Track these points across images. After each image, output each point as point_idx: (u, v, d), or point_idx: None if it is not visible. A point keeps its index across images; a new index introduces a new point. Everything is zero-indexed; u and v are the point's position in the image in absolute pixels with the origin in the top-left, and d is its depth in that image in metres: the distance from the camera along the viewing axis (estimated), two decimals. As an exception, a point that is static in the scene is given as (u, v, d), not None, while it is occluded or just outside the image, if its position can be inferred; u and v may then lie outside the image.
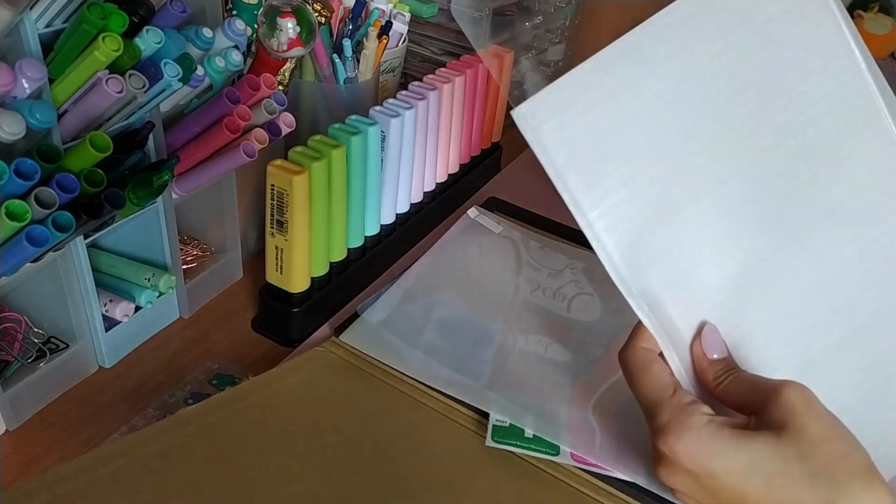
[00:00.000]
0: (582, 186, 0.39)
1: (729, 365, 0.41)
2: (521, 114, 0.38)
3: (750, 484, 0.35)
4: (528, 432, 0.47)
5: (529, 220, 0.71)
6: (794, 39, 0.39)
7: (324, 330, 0.58)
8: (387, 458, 0.45)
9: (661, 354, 0.42)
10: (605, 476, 0.45)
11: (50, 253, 0.45)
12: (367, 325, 0.55)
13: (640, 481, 0.45)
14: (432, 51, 0.86)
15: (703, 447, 0.37)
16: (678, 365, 0.42)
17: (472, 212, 0.69)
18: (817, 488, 0.34)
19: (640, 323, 0.42)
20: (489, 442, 0.46)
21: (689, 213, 0.40)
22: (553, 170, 0.39)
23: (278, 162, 0.50)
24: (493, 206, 0.72)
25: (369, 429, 0.47)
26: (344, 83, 0.68)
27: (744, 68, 0.39)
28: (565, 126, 0.38)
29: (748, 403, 0.39)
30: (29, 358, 0.49)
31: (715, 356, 0.41)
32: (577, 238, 0.69)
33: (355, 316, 0.56)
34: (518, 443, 0.46)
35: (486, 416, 0.48)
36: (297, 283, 0.54)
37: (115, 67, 0.42)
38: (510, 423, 0.47)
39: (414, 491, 0.43)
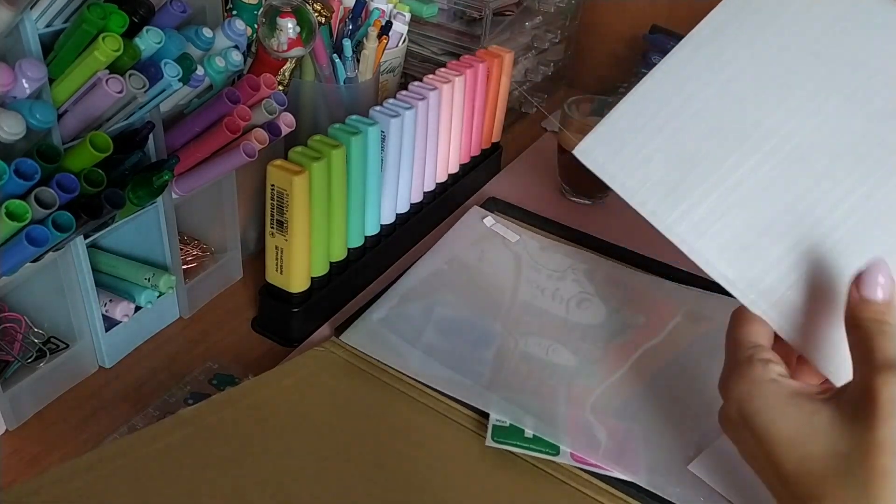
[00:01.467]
0: (664, 205, 0.40)
1: (885, 313, 0.34)
2: (582, 151, 0.40)
3: (791, 454, 0.32)
4: (528, 432, 0.47)
5: (530, 221, 0.71)
6: (834, 15, 0.41)
7: (324, 330, 0.58)
8: (386, 458, 0.45)
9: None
10: (605, 476, 0.45)
11: (50, 253, 0.45)
12: (367, 325, 0.55)
13: (640, 481, 0.45)
14: (432, 51, 0.86)
15: (753, 399, 0.34)
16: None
17: (489, 220, 0.69)
18: (850, 490, 0.31)
19: None
20: (489, 442, 0.46)
21: (769, 201, 0.40)
22: (629, 195, 0.40)
23: (278, 162, 0.50)
24: (494, 206, 0.72)
25: (369, 428, 0.47)
26: (344, 83, 0.68)
27: (790, 49, 0.41)
28: (625, 152, 0.41)
29: (856, 364, 0.34)
30: (29, 358, 0.49)
31: (878, 297, 0.35)
32: (577, 238, 0.69)
33: (356, 316, 0.56)
34: (518, 443, 0.46)
35: (485, 416, 0.48)
36: (297, 283, 0.54)
37: (115, 67, 0.42)
38: (510, 423, 0.47)
39: (413, 490, 0.43)
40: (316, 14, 0.60)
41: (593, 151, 0.41)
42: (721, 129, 0.41)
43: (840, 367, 0.37)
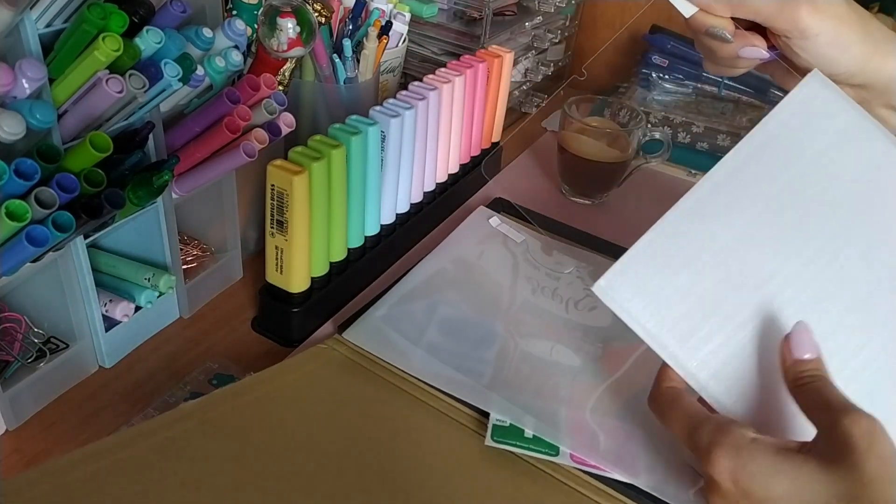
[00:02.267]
0: (676, 343, 0.42)
1: (818, 368, 0.38)
2: (601, 288, 0.41)
3: None
4: (528, 432, 0.47)
5: (536, 221, 0.71)
6: (848, 163, 0.43)
7: (327, 327, 0.58)
8: (386, 456, 0.45)
9: (687, 388, 0.42)
10: (604, 477, 0.45)
11: (50, 253, 0.45)
12: (370, 323, 0.55)
13: (639, 483, 0.45)
14: (432, 51, 0.86)
15: (745, 465, 0.35)
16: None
17: (494, 221, 0.69)
18: None
19: (662, 365, 0.42)
20: (489, 441, 0.46)
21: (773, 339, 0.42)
22: (646, 334, 0.42)
23: (278, 162, 0.50)
24: (500, 207, 0.72)
25: (369, 426, 0.47)
26: (344, 83, 0.68)
27: (805, 197, 0.42)
28: (645, 292, 0.42)
29: (817, 418, 0.37)
30: (29, 358, 0.49)
31: (806, 356, 0.39)
32: (579, 239, 0.69)
33: (359, 314, 0.56)
34: (518, 442, 0.46)
35: (486, 415, 0.48)
36: (297, 283, 0.54)
37: (115, 67, 0.42)
38: (510, 423, 0.47)
39: (412, 488, 0.43)
40: (316, 14, 0.60)
41: (612, 290, 0.42)
42: (740, 273, 0.42)
43: (793, 428, 0.40)
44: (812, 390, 0.38)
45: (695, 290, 0.42)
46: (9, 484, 0.38)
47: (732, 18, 0.46)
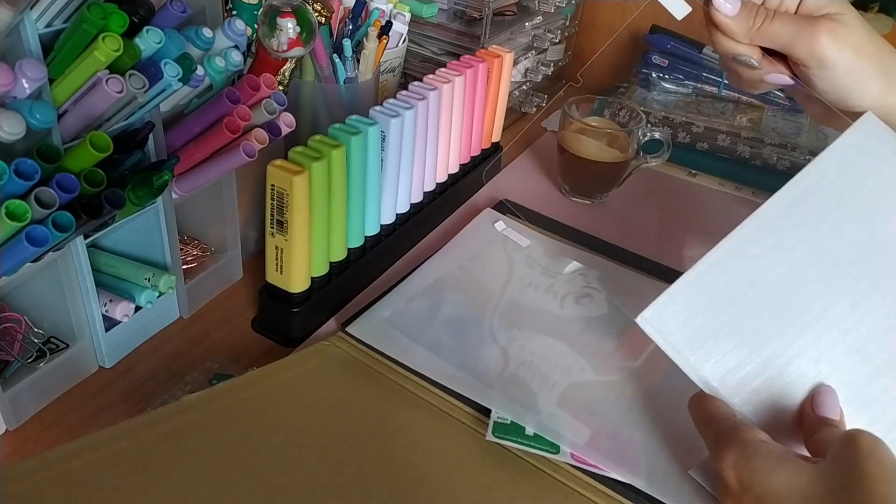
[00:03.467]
0: (719, 379, 0.43)
1: (839, 427, 0.40)
2: (646, 319, 0.42)
3: (789, 500, 0.35)
4: (529, 430, 0.47)
5: (536, 222, 0.71)
6: None
7: (330, 325, 0.58)
8: (386, 452, 0.45)
9: None
10: (604, 477, 0.45)
11: (50, 253, 0.45)
12: (374, 320, 0.55)
13: (640, 484, 0.45)
14: (432, 51, 0.86)
15: (748, 461, 0.36)
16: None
17: (500, 225, 0.69)
18: None
19: None
20: (489, 437, 0.46)
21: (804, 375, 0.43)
22: (688, 367, 0.42)
23: (278, 162, 0.50)
24: (505, 209, 0.72)
25: (370, 422, 0.47)
26: (344, 83, 0.68)
27: (854, 240, 0.43)
28: (690, 325, 0.42)
29: (829, 450, 0.38)
30: (29, 358, 0.49)
31: (829, 415, 0.41)
32: (581, 240, 0.69)
33: (362, 310, 0.56)
34: (518, 439, 0.46)
35: (486, 413, 0.48)
36: (297, 283, 0.54)
37: (115, 67, 0.42)
38: (511, 421, 0.47)
39: (412, 485, 0.43)
40: (316, 14, 0.60)
41: (658, 321, 0.42)
42: (787, 312, 0.42)
43: None
44: (827, 433, 0.39)
45: (740, 327, 0.42)
46: (8, 471, 0.38)
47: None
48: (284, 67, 0.61)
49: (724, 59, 0.48)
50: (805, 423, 0.41)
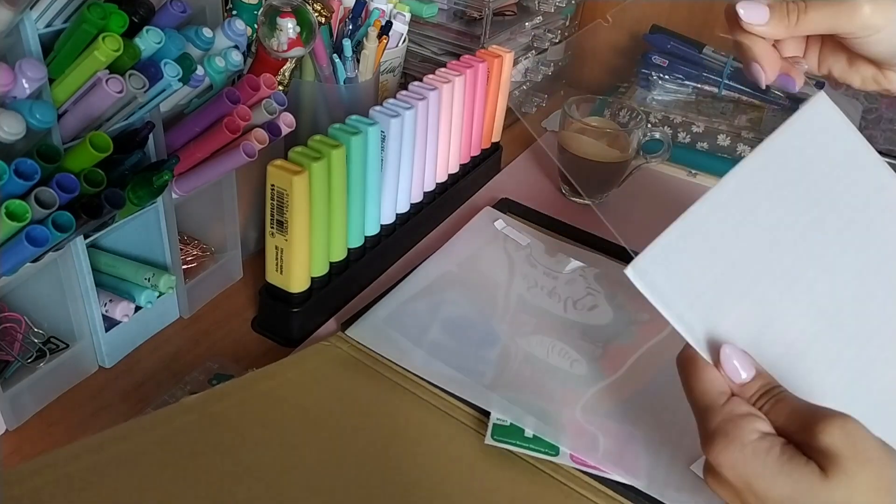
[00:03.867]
0: (704, 329, 0.41)
1: (765, 386, 0.37)
2: (633, 270, 0.40)
3: None
4: (528, 432, 0.47)
5: (537, 221, 0.71)
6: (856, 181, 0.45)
7: (329, 325, 0.58)
8: (386, 453, 0.45)
9: None
10: (604, 478, 0.45)
11: (50, 253, 0.45)
12: (373, 322, 0.55)
13: (639, 484, 0.45)
14: (432, 51, 0.86)
15: (747, 464, 0.35)
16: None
17: (500, 223, 0.69)
18: None
19: None
20: (488, 440, 0.46)
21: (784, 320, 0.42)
22: (674, 317, 0.41)
23: (278, 162, 0.50)
24: (505, 207, 0.72)
25: (370, 423, 0.47)
26: (344, 83, 0.68)
27: (822, 206, 0.44)
28: (677, 276, 0.41)
29: (794, 438, 0.35)
30: (29, 358, 0.49)
31: (744, 376, 0.37)
32: (582, 239, 0.69)
33: (362, 312, 0.56)
34: (518, 442, 0.46)
35: (486, 414, 0.48)
36: (297, 283, 0.54)
37: (115, 67, 0.42)
38: (510, 423, 0.47)
39: (411, 486, 0.43)
40: (316, 14, 0.60)
41: (648, 273, 0.41)
42: (771, 268, 0.42)
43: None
44: (774, 410, 0.36)
45: (732, 285, 0.42)
46: (9, 473, 0.38)
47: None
48: (284, 67, 0.61)
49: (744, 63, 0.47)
50: (737, 393, 0.38)
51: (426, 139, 0.63)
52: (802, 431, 0.34)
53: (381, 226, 0.62)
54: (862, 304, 0.43)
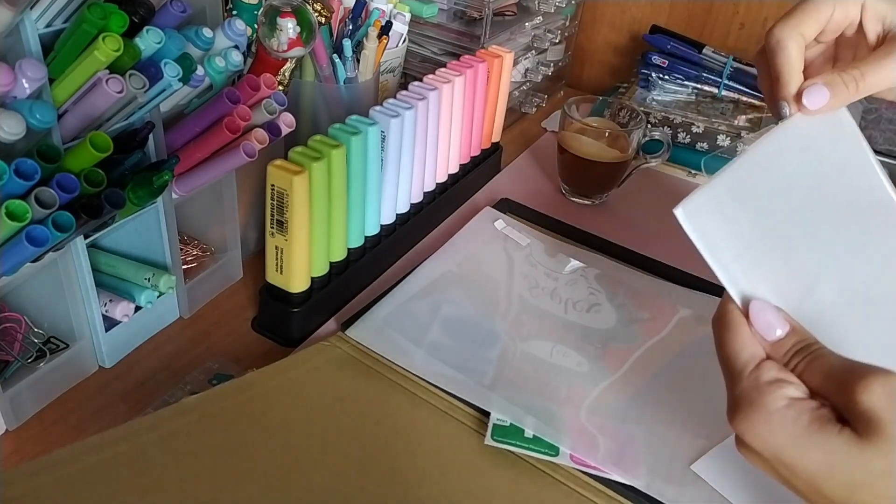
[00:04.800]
0: (745, 278, 0.40)
1: (801, 343, 0.34)
2: (687, 214, 0.39)
3: (827, 484, 0.31)
4: (528, 432, 0.47)
5: (537, 221, 0.71)
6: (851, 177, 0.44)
7: (330, 325, 0.58)
8: (386, 453, 0.45)
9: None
10: (604, 479, 0.45)
11: (50, 253, 0.45)
12: (373, 322, 0.55)
13: (639, 485, 0.45)
14: (432, 51, 0.86)
15: (772, 434, 0.32)
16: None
17: (500, 223, 0.69)
18: None
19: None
20: (488, 440, 0.46)
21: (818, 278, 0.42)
22: (726, 275, 0.39)
23: (278, 162, 0.50)
24: (506, 207, 0.72)
25: (370, 423, 0.47)
26: (344, 83, 0.68)
27: (825, 196, 0.44)
28: (729, 228, 0.40)
29: (832, 399, 0.32)
30: (29, 358, 0.49)
31: (778, 333, 0.35)
32: (582, 239, 0.69)
33: (362, 312, 0.56)
34: (518, 442, 0.46)
35: (486, 414, 0.48)
36: (297, 283, 0.54)
37: (115, 67, 0.42)
38: (511, 423, 0.47)
39: (412, 486, 0.43)
40: (316, 14, 0.60)
41: (698, 217, 0.40)
42: (806, 237, 0.42)
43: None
44: (809, 369, 0.33)
45: (770, 239, 0.41)
46: (8, 475, 0.38)
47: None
48: (284, 67, 0.61)
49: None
50: (773, 356, 0.36)
51: (426, 139, 0.63)
52: (840, 392, 0.31)
53: (381, 226, 0.62)
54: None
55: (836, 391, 0.32)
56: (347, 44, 0.67)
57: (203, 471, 0.41)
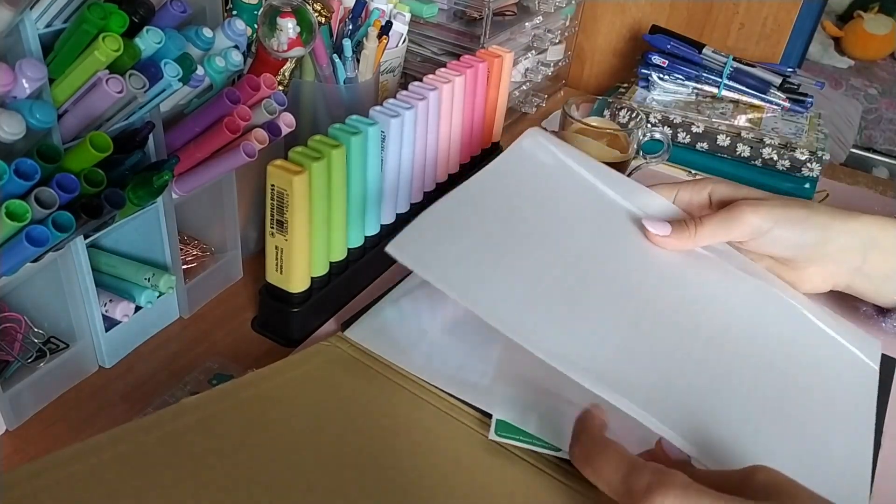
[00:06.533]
0: (466, 284, 0.46)
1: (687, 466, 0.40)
2: (396, 247, 0.46)
3: None
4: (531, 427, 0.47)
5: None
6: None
7: (330, 325, 0.58)
8: (386, 453, 0.45)
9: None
10: None
11: (50, 253, 0.45)
12: (372, 322, 0.55)
13: None
14: (432, 51, 0.86)
15: None
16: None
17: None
18: None
19: (579, 418, 0.43)
20: (492, 436, 0.46)
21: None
22: (437, 279, 0.45)
23: (278, 162, 0.50)
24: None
25: (370, 423, 0.47)
26: (344, 83, 0.68)
27: (545, 211, 0.56)
28: (440, 249, 0.48)
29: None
30: (29, 358, 0.49)
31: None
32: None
33: (361, 312, 0.56)
34: (521, 437, 0.46)
35: (488, 414, 0.48)
36: (297, 283, 0.54)
37: (115, 67, 0.42)
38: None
39: (412, 486, 0.43)
40: (316, 14, 0.60)
41: (406, 248, 0.46)
42: (515, 249, 0.50)
43: None
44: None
45: (480, 252, 0.49)
46: (9, 476, 0.38)
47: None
48: (284, 67, 0.61)
49: None
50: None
51: (426, 139, 0.63)
52: (730, 486, 0.35)
53: (382, 226, 0.62)
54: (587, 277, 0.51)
55: (725, 486, 0.35)
56: (347, 44, 0.67)
57: (204, 471, 0.41)
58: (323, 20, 0.64)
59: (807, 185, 0.80)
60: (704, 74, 0.90)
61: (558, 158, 0.60)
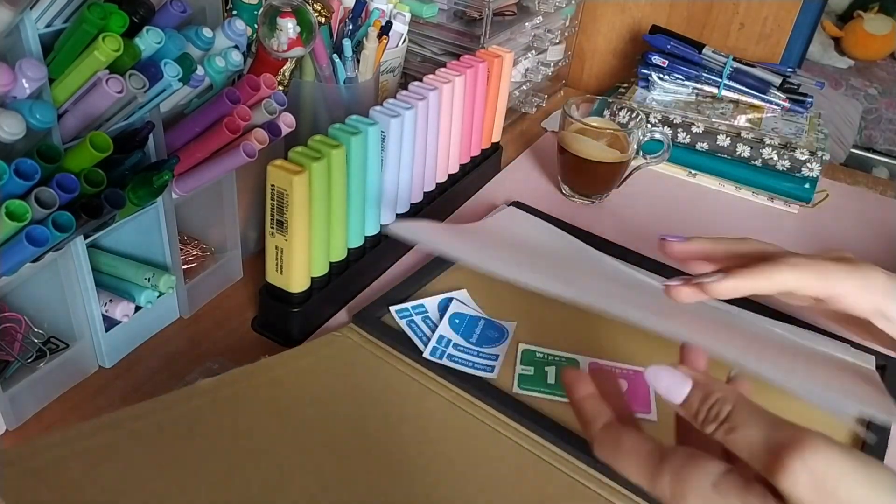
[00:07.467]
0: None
1: (708, 401, 0.31)
2: (395, 227, 0.45)
3: None
4: (550, 378, 0.51)
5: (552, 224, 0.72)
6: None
7: (341, 315, 0.59)
8: (393, 441, 0.46)
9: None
10: (613, 473, 0.45)
11: (50, 253, 0.45)
12: (383, 313, 0.57)
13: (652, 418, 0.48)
14: (432, 51, 0.86)
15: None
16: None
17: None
18: None
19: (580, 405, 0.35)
20: (516, 389, 0.51)
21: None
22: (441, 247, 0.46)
23: (278, 162, 0.50)
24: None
25: (378, 412, 0.48)
26: (344, 83, 0.68)
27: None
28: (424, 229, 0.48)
29: (758, 469, 0.29)
30: (29, 358, 0.49)
31: (687, 393, 0.31)
32: (583, 239, 0.69)
33: (373, 304, 0.57)
34: (541, 389, 0.51)
35: (496, 406, 0.49)
36: (297, 283, 0.54)
37: (115, 67, 0.42)
38: (534, 371, 0.52)
39: (419, 473, 0.44)
40: (316, 14, 0.60)
41: (407, 227, 0.46)
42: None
43: None
44: (730, 443, 0.30)
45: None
46: (28, 446, 0.39)
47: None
48: (284, 67, 0.61)
49: None
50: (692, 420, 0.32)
51: (426, 139, 0.63)
52: (765, 471, 0.29)
53: (381, 226, 0.62)
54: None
55: (762, 469, 0.29)
56: (347, 44, 0.67)
57: (215, 450, 0.42)
58: (323, 20, 0.64)
59: (806, 185, 0.80)
60: (704, 74, 0.90)
61: (543, 226, 0.65)
